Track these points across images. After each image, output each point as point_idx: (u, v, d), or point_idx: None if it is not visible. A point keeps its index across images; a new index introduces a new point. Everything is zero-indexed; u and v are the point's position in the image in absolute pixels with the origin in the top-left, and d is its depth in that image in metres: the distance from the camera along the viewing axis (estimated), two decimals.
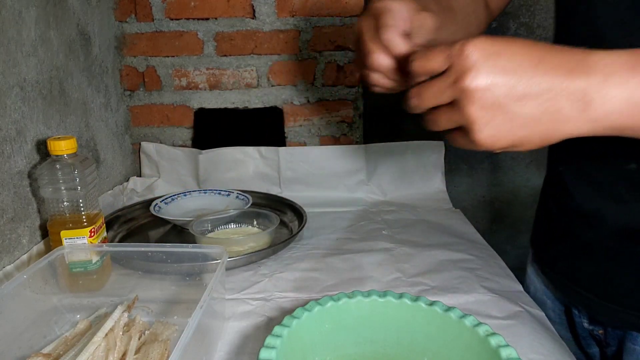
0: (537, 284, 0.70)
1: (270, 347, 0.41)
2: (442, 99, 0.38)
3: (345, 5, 1.11)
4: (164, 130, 1.20)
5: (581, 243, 0.58)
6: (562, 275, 0.63)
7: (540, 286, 0.70)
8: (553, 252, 0.65)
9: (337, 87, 1.17)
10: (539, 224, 0.70)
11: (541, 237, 0.69)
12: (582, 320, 0.63)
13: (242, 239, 0.81)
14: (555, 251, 0.64)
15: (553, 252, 0.65)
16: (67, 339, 0.55)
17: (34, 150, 0.75)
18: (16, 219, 0.70)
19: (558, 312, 0.67)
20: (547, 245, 0.66)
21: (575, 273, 0.60)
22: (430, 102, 0.39)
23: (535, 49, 0.36)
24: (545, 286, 0.69)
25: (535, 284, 0.71)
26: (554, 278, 0.65)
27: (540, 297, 0.69)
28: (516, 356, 0.40)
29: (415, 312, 0.48)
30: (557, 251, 0.64)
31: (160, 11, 1.11)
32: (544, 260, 0.68)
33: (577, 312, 0.63)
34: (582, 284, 0.59)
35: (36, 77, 0.76)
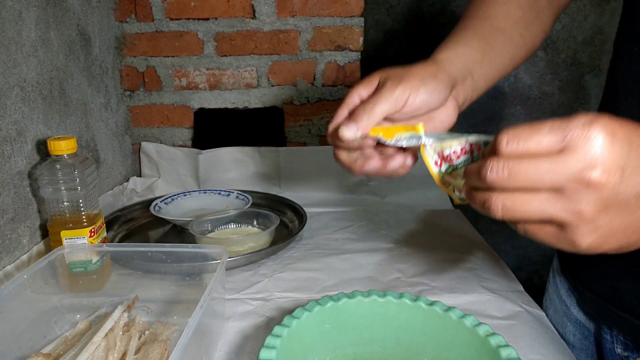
0: (558, 303, 0.65)
1: (270, 347, 0.41)
2: (544, 184, 0.30)
3: (345, 5, 1.11)
4: (164, 130, 1.20)
5: (626, 259, 0.50)
6: (598, 295, 0.56)
7: (561, 306, 0.64)
8: (590, 267, 0.57)
9: (337, 87, 1.17)
10: None
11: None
12: (615, 346, 0.56)
13: (242, 239, 0.81)
14: (593, 266, 0.57)
15: (590, 266, 0.57)
16: (67, 339, 0.55)
17: (34, 150, 0.75)
18: (16, 219, 0.70)
19: (579, 336, 0.62)
20: (583, 259, 0.58)
21: (616, 292, 0.54)
22: (527, 186, 0.30)
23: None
24: (568, 307, 0.63)
25: (555, 303, 0.66)
26: (587, 296, 0.58)
27: (560, 320, 0.64)
28: (516, 356, 0.40)
29: (415, 312, 0.48)
30: (595, 269, 0.56)
31: (160, 11, 1.11)
32: (577, 276, 0.60)
33: (609, 337, 0.57)
34: (623, 306, 0.53)
35: (36, 77, 0.76)
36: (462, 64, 0.48)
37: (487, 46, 0.51)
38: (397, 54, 1.23)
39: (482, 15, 0.53)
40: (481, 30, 0.51)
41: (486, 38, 0.51)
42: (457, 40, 0.50)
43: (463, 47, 0.49)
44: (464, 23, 0.53)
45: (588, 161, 0.28)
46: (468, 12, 0.55)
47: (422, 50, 1.34)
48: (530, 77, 1.26)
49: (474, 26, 0.52)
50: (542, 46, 1.23)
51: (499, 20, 0.52)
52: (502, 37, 0.52)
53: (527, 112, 1.29)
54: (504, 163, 0.30)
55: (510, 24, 0.53)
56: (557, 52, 1.24)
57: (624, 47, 0.53)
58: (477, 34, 0.51)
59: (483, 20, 0.52)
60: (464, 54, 0.49)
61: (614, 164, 0.28)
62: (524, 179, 0.30)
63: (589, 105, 1.28)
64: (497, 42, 0.52)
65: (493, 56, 0.51)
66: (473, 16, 0.53)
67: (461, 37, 0.51)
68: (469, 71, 0.49)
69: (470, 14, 0.54)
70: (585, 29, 1.23)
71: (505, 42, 0.52)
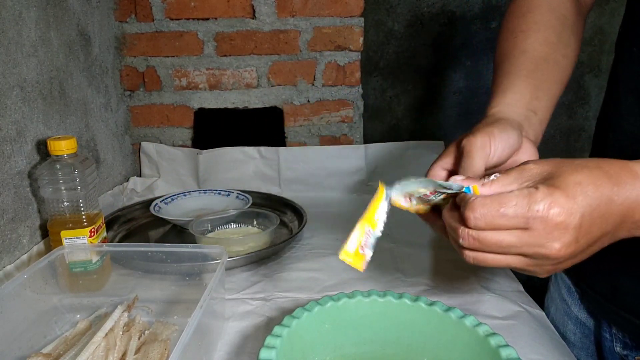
0: (559, 302, 0.66)
1: (270, 347, 0.41)
2: (509, 251, 0.36)
3: (345, 5, 1.11)
4: (164, 130, 1.20)
5: (627, 258, 0.52)
6: (598, 293, 0.57)
7: (562, 305, 0.65)
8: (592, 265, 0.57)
9: (337, 87, 1.17)
10: None
11: None
12: (614, 344, 0.57)
13: (242, 239, 0.81)
14: (592, 267, 0.56)
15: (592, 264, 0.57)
16: (67, 339, 0.55)
17: (34, 150, 0.75)
18: (16, 219, 0.70)
19: (580, 335, 0.62)
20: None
21: (617, 291, 0.54)
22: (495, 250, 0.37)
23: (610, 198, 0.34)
24: (569, 305, 0.63)
25: (557, 302, 0.66)
26: (589, 294, 0.59)
27: (561, 318, 0.65)
28: (516, 356, 0.40)
29: (415, 312, 0.48)
30: (595, 267, 0.56)
31: (160, 11, 1.11)
32: (579, 273, 0.61)
33: (608, 336, 0.57)
34: (624, 304, 0.53)
35: (36, 77, 0.76)
36: (520, 108, 0.48)
37: (537, 81, 0.50)
38: (397, 54, 1.23)
39: (521, 52, 0.52)
40: (526, 67, 0.51)
41: (533, 73, 0.50)
42: (504, 89, 0.49)
43: (514, 95, 0.49)
44: (503, 66, 0.52)
45: (549, 237, 0.34)
46: (503, 49, 0.53)
47: (422, 51, 1.34)
48: None
49: (516, 66, 0.51)
50: None
51: (539, 51, 0.51)
52: (547, 66, 0.51)
53: None
54: (475, 234, 0.36)
55: (551, 49, 0.52)
56: None
57: (625, 48, 0.53)
58: (523, 74, 0.50)
59: (523, 56, 0.51)
60: (518, 99, 0.48)
61: (572, 237, 0.34)
62: (491, 246, 0.36)
63: (588, 105, 1.28)
64: (544, 73, 0.51)
65: (546, 87, 0.51)
66: (511, 55, 0.52)
67: (507, 85, 0.50)
68: (530, 110, 0.49)
69: (506, 51, 0.53)
70: (585, 28, 1.23)
71: (551, 69, 0.52)
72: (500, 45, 0.55)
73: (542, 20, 0.53)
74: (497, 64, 0.53)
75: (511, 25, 0.54)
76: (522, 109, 0.48)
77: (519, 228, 0.35)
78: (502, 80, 0.51)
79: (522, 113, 0.48)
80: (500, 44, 0.55)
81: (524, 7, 0.55)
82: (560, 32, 0.53)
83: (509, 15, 0.56)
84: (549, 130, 1.41)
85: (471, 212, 0.35)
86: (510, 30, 0.54)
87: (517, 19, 0.54)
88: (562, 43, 0.53)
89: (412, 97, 1.26)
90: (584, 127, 1.29)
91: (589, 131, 1.29)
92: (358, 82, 1.17)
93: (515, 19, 0.54)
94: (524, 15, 0.54)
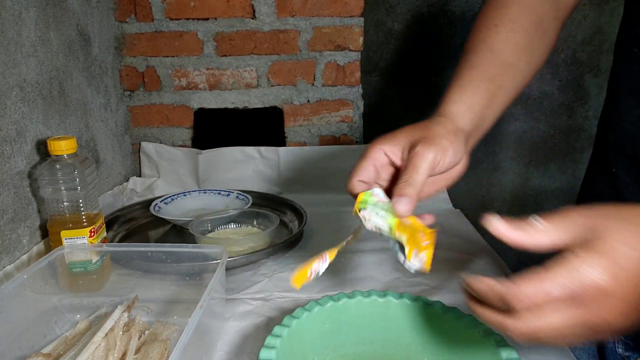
0: None
1: (270, 347, 0.41)
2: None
3: (345, 5, 1.11)
4: (163, 130, 1.20)
5: None
6: None
7: None
8: None
9: (337, 87, 1.17)
10: None
11: None
12: (616, 346, 0.56)
13: (242, 239, 0.81)
14: None
15: None
16: (67, 339, 0.55)
17: (34, 150, 0.75)
18: (16, 219, 0.70)
19: None
20: None
21: None
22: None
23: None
24: None
25: None
26: None
27: None
28: (516, 356, 0.40)
29: (415, 312, 0.48)
30: None
31: (160, 11, 1.11)
32: None
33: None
34: None
35: (36, 77, 0.76)
36: (474, 115, 0.48)
37: (496, 87, 0.49)
38: (397, 54, 1.23)
39: (489, 48, 0.51)
40: (489, 69, 0.50)
41: (495, 79, 0.50)
42: (466, 86, 0.49)
43: (472, 96, 0.48)
44: (470, 59, 0.51)
45: (597, 313, 0.31)
46: (473, 42, 0.53)
47: (422, 50, 1.34)
48: None
49: (481, 64, 0.50)
50: None
51: (506, 54, 0.51)
52: (510, 72, 0.51)
53: (526, 112, 1.29)
54: (524, 326, 0.33)
55: (518, 54, 0.51)
56: (557, 51, 1.24)
57: (625, 49, 0.53)
58: (485, 76, 0.49)
59: (490, 54, 0.51)
60: (475, 104, 0.48)
61: (619, 308, 0.30)
62: (541, 329, 0.33)
63: (588, 105, 1.28)
64: (505, 80, 0.50)
65: (501, 96, 0.50)
66: (479, 49, 0.51)
67: (470, 81, 0.49)
68: (480, 119, 0.48)
69: (475, 46, 0.52)
70: (584, 28, 1.23)
71: (513, 76, 0.51)
72: (472, 33, 0.54)
73: (518, 20, 0.52)
74: (466, 51, 0.53)
75: (485, 16, 0.53)
76: (475, 116, 0.48)
77: (567, 304, 0.31)
78: (465, 73, 0.50)
79: (473, 121, 0.48)
80: (473, 32, 0.54)
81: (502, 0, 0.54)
82: (531, 37, 0.52)
83: (486, 5, 0.55)
84: (548, 130, 1.41)
85: (515, 295, 0.33)
86: (483, 20, 0.53)
87: (494, 11, 0.53)
88: (531, 49, 0.52)
89: (412, 97, 1.26)
90: (584, 127, 1.29)
91: (589, 131, 1.29)
92: (358, 82, 1.17)
93: (492, 10, 0.53)
94: (501, 8, 0.53)
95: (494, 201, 1.36)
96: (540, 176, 1.35)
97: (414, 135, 0.45)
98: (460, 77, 0.50)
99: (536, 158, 1.33)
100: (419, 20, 1.21)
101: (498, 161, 1.33)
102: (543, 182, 1.35)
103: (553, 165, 1.33)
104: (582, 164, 1.32)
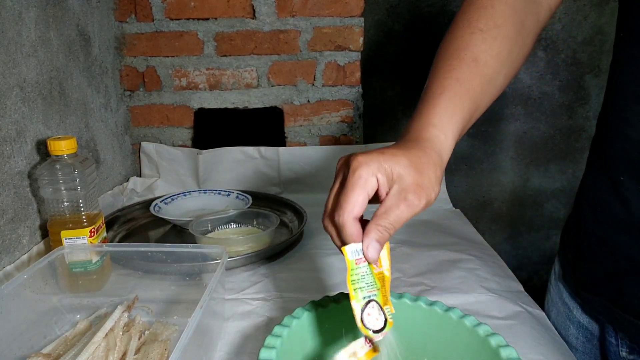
0: (561, 306, 0.64)
1: (270, 347, 0.41)
2: None
3: (345, 5, 1.11)
4: (164, 130, 1.20)
5: (632, 262, 0.51)
6: (603, 297, 0.55)
7: (563, 309, 0.63)
8: (595, 272, 0.56)
9: (337, 87, 1.17)
10: (574, 239, 0.61)
11: (577, 254, 0.60)
12: (620, 349, 0.55)
13: (242, 239, 0.81)
14: (597, 271, 0.56)
15: (595, 271, 0.56)
16: (67, 339, 0.55)
17: (34, 150, 0.75)
18: (16, 219, 0.70)
19: (582, 339, 0.61)
20: (587, 264, 0.58)
21: (622, 295, 0.52)
22: None
23: None
24: (571, 310, 0.62)
25: (558, 306, 0.65)
26: (592, 300, 0.57)
27: (563, 322, 0.63)
28: (516, 356, 0.40)
29: (415, 312, 0.48)
30: (600, 271, 0.55)
31: (160, 11, 1.11)
32: (581, 281, 0.59)
33: (613, 341, 0.56)
34: (630, 308, 0.52)
35: (36, 77, 0.76)
36: (454, 139, 0.45)
37: (476, 107, 0.47)
38: (397, 54, 1.23)
39: (473, 59, 0.48)
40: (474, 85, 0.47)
41: (477, 99, 0.47)
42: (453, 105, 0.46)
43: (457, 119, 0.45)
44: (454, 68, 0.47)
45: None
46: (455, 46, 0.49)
47: (422, 50, 1.34)
48: (530, 77, 1.26)
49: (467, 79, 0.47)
50: (542, 46, 1.23)
51: (489, 66, 0.48)
52: (490, 88, 0.49)
53: (527, 112, 1.29)
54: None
55: (499, 67, 0.49)
56: (557, 52, 1.24)
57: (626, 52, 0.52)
58: (470, 95, 0.47)
59: (474, 67, 0.48)
60: (456, 130, 0.45)
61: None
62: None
63: (588, 106, 1.28)
64: (484, 98, 0.48)
65: (479, 112, 0.49)
66: (463, 57, 0.48)
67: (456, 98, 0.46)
68: (458, 138, 0.46)
69: (458, 52, 0.48)
70: (585, 29, 1.23)
71: (491, 90, 0.49)
72: (454, 34, 0.50)
73: (503, 25, 0.49)
74: (447, 55, 0.49)
75: (469, 16, 0.50)
76: (455, 138, 0.46)
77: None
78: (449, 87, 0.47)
79: (452, 146, 0.45)
80: (455, 33, 0.50)
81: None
82: (512, 46, 0.50)
83: (469, 2, 0.52)
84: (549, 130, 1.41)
85: None
86: (466, 21, 0.50)
87: (478, 11, 0.50)
88: (510, 60, 0.50)
89: (412, 97, 1.26)
90: (584, 127, 1.29)
91: (589, 131, 1.29)
92: (358, 82, 1.17)
93: (476, 10, 0.50)
94: (485, 9, 0.50)
95: (494, 201, 1.37)
96: (540, 176, 1.35)
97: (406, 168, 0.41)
98: (444, 90, 0.47)
99: (536, 158, 1.33)
100: (419, 20, 1.21)
101: (498, 161, 1.33)
102: (543, 182, 1.35)
103: (553, 166, 1.33)
104: (582, 164, 1.32)
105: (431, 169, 0.42)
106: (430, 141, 0.44)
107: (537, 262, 1.40)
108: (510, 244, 1.39)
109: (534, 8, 0.53)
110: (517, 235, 1.38)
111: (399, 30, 1.22)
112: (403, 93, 1.26)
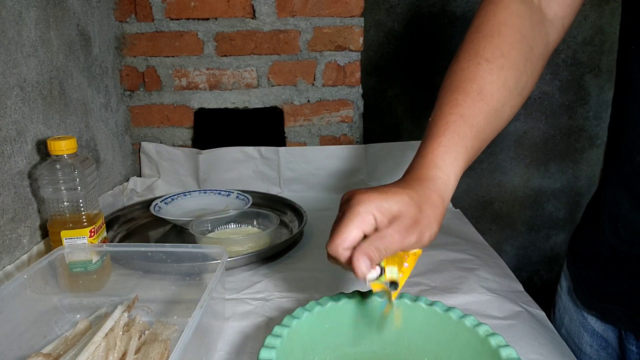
0: (574, 313, 0.62)
1: (270, 347, 0.41)
2: None
3: (345, 5, 1.11)
4: (164, 130, 1.20)
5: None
6: (625, 307, 0.53)
7: (577, 316, 0.62)
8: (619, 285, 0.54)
9: (337, 87, 1.17)
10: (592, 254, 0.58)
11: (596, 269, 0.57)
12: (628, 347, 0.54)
13: (242, 239, 0.81)
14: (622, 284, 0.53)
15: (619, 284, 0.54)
16: (67, 339, 0.55)
17: (34, 150, 0.75)
18: (16, 219, 0.70)
19: (597, 347, 0.60)
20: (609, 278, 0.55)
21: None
22: None
23: None
24: (585, 317, 0.60)
25: (571, 314, 0.63)
26: (611, 309, 0.55)
27: (577, 330, 0.62)
28: (516, 356, 0.40)
29: (415, 312, 0.48)
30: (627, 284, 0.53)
31: (160, 11, 1.11)
32: (599, 292, 0.57)
33: (634, 348, 0.54)
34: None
35: (36, 77, 0.76)
36: (456, 179, 0.46)
37: (481, 142, 0.48)
38: (397, 54, 1.23)
39: (478, 92, 0.47)
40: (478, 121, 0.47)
41: (480, 134, 0.47)
42: (455, 145, 0.46)
43: (461, 159, 0.46)
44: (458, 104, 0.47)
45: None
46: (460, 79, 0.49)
47: (422, 50, 1.34)
48: None
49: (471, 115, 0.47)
50: None
51: (495, 99, 0.47)
52: (494, 119, 0.48)
53: (527, 112, 1.29)
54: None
55: (505, 98, 0.48)
56: (557, 52, 1.24)
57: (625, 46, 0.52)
58: (473, 133, 0.46)
59: (480, 101, 0.47)
60: (460, 169, 0.46)
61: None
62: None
63: (588, 106, 1.28)
64: (488, 133, 0.48)
65: (483, 146, 0.49)
66: (468, 91, 0.47)
67: (459, 137, 0.46)
68: (460, 176, 0.47)
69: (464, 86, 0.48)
70: (585, 29, 1.23)
71: (497, 122, 0.49)
72: (459, 65, 0.50)
73: (510, 53, 0.48)
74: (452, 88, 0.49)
75: (475, 45, 0.49)
76: (458, 177, 0.46)
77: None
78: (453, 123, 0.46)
79: (454, 185, 0.46)
80: (460, 64, 0.50)
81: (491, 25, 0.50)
82: (520, 74, 0.49)
83: (475, 29, 0.51)
84: (549, 130, 1.42)
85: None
86: (472, 50, 0.49)
87: (485, 39, 0.49)
88: (517, 89, 0.49)
89: (412, 97, 1.26)
90: (584, 127, 1.29)
91: (589, 131, 1.29)
92: (358, 82, 1.17)
93: (482, 39, 0.49)
94: (492, 37, 0.49)
95: (494, 201, 1.37)
96: (540, 176, 1.35)
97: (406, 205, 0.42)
98: (448, 127, 0.46)
99: (536, 158, 1.33)
100: (419, 20, 1.21)
101: (498, 161, 1.33)
102: (543, 182, 1.35)
103: (553, 166, 1.33)
104: (582, 164, 1.33)
105: (430, 209, 0.44)
106: (433, 182, 0.45)
107: (537, 262, 1.40)
108: (510, 244, 1.39)
109: (542, 31, 0.52)
110: (517, 235, 1.38)
111: (399, 30, 1.22)
112: (403, 93, 1.26)
